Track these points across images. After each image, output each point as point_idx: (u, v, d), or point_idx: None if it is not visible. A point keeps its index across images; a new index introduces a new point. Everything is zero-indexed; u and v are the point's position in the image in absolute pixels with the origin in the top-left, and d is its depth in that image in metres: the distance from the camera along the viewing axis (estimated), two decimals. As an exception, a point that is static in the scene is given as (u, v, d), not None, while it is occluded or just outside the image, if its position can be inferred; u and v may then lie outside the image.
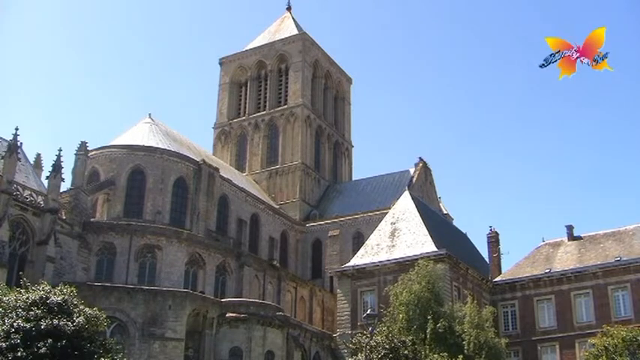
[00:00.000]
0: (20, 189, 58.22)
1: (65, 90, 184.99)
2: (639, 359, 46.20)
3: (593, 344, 49.83)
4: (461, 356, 48.30)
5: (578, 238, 73.32)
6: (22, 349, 34.21)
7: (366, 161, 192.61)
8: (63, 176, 61.84)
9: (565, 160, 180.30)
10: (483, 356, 50.67)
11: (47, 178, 61.78)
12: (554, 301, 68.25)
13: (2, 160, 57.18)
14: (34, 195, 59.41)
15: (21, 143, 60.37)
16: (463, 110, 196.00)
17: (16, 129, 58.96)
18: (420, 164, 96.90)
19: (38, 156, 68.37)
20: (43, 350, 34.14)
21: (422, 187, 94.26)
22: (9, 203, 55.41)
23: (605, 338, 48.27)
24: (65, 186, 64.72)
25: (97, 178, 75.67)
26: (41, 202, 59.20)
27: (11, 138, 58.57)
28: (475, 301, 58.63)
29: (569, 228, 74.36)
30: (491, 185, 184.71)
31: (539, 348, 67.41)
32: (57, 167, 61.15)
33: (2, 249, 53.34)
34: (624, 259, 66.68)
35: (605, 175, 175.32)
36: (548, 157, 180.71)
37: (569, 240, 73.47)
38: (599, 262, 67.95)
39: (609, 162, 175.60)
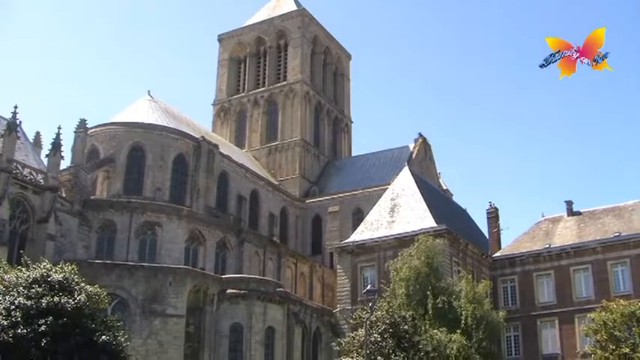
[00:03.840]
0: (20, 167, 58.26)
1: (64, 68, 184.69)
2: (637, 334, 46.30)
3: (593, 319, 49.94)
4: (459, 331, 48.49)
5: (578, 213, 73.36)
6: (22, 327, 34.34)
7: (366, 137, 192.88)
8: (62, 154, 61.96)
9: (565, 136, 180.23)
10: (482, 331, 50.84)
11: (47, 156, 61.85)
12: (554, 277, 68.40)
13: (2, 139, 57.19)
14: (34, 173, 59.46)
15: (20, 121, 60.49)
16: (462, 86, 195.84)
17: (15, 107, 59.09)
18: (420, 140, 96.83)
19: (37, 134, 68.47)
20: (43, 328, 34.25)
21: (421, 163, 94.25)
22: (9, 182, 55.49)
23: (604, 313, 48.38)
24: (65, 164, 65.03)
25: (96, 155, 75.64)
26: (41, 180, 59.27)
27: (10, 116, 58.62)
28: (471, 276, 58.77)
29: (569, 203, 74.37)
30: (491, 161, 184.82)
31: (538, 323, 67.64)
32: (56, 145, 61.17)
33: (3, 227, 53.48)
34: (623, 234, 66.76)
35: (605, 151, 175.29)
36: (548, 133, 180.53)
37: (568, 215, 73.52)
38: (598, 238, 68.03)
39: (609, 137, 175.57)
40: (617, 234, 67.04)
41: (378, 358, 39.40)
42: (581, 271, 67.50)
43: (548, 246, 69.93)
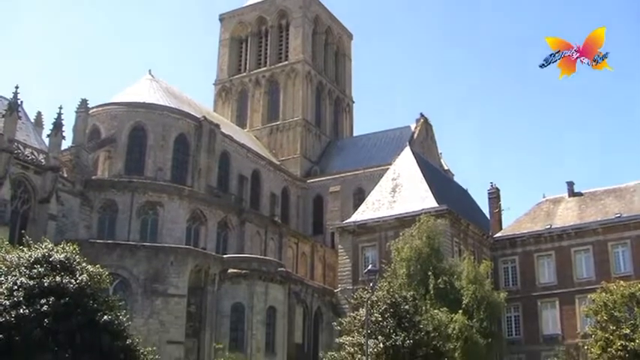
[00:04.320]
0: (21, 147, 58.24)
1: (65, 48, 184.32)
2: (638, 315, 46.39)
3: (593, 300, 49.97)
4: (460, 311, 48.62)
5: (579, 194, 73.51)
6: (25, 307, 34.43)
7: (367, 117, 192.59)
8: (64, 134, 61.90)
9: (567, 117, 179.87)
10: (482, 311, 50.98)
11: (48, 136, 61.76)
12: (555, 257, 68.63)
13: (3, 119, 57.12)
14: (35, 153, 59.44)
15: (21, 101, 60.38)
16: (464, 66, 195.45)
17: (16, 87, 58.95)
18: (421, 120, 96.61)
19: (39, 114, 68.31)
20: (45, 308, 34.32)
21: (423, 143, 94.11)
22: (10, 162, 55.46)
23: (604, 294, 48.42)
24: (66, 144, 64.93)
25: (97, 135, 75.62)
26: (42, 161, 59.25)
27: (11, 96, 58.49)
28: (472, 257, 58.86)
29: (570, 184, 74.52)
30: (493, 141, 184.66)
31: (539, 303, 67.93)
32: (58, 125, 61.11)
33: (4, 207, 53.51)
34: (624, 215, 66.92)
35: (607, 132, 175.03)
36: (551, 114, 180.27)
37: (569, 196, 73.67)
38: (599, 219, 68.20)
39: (611, 118, 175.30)
40: (618, 215, 67.18)
41: (379, 337, 39.46)
42: (582, 252, 67.69)
43: (549, 227, 70.10)
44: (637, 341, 44.44)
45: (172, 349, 54.67)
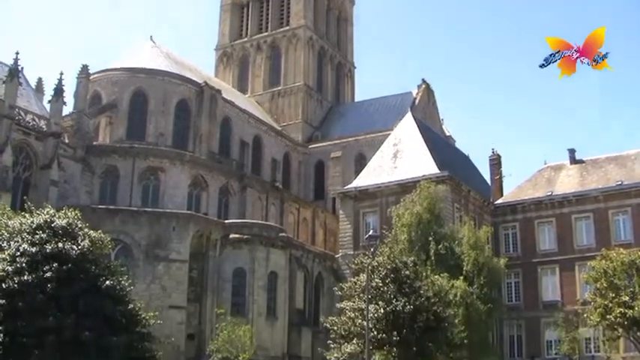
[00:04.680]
0: (22, 113, 58.24)
1: (65, 13, 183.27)
2: (637, 282, 46.57)
3: (593, 267, 50.14)
4: (461, 277, 48.80)
5: (580, 161, 73.39)
6: (27, 273, 34.66)
7: (369, 83, 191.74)
8: (65, 100, 61.92)
9: (569, 83, 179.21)
10: (483, 277, 51.15)
11: (49, 102, 61.82)
12: (555, 224, 68.69)
13: (3, 85, 57.05)
14: (37, 119, 59.44)
15: (22, 67, 60.29)
16: (466, 32, 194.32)
17: (17, 53, 58.90)
18: (423, 86, 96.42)
19: (39, 80, 68.28)
20: (48, 274, 34.58)
21: (424, 109, 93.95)
22: (11, 128, 55.55)
23: (604, 261, 48.56)
24: (67, 110, 64.95)
25: (98, 101, 75.53)
26: (44, 127, 59.29)
27: (12, 62, 58.40)
28: (473, 223, 58.93)
29: (572, 151, 74.36)
30: (494, 108, 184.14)
31: (539, 270, 68.11)
32: (58, 91, 61.09)
33: (6, 174, 53.67)
34: (625, 183, 66.85)
35: (609, 99, 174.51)
36: (553, 80, 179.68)
37: (571, 163, 73.56)
38: (600, 186, 68.14)
39: (614, 85, 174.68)
40: (619, 183, 67.13)
41: (380, 302, 39.66)
42: (583, 219, 67.74)
43: (550, 193, 70.10)
44: (636, 309, 44.72)
45: (174, 314, 55.03)
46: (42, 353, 33.90)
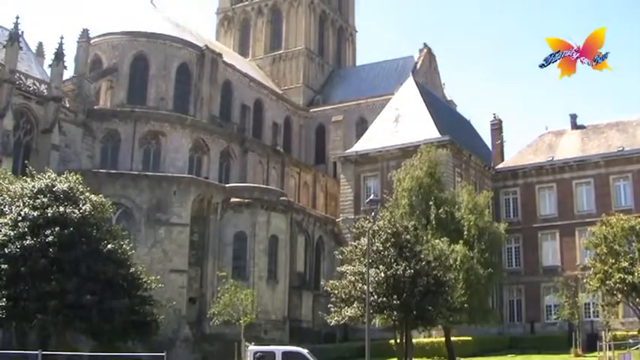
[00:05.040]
0: (23, 78, 58.06)
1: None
2: (637, 248, 46.64)
3: (593, 233, 50.16)
4: (461, 241, 48.89)
5: (582, 127, 73.36)
6: (29, 237, 34.80)
7: (370, 47, 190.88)
8: (65, 64, 61.74)
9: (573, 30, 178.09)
10: (483, 242, 51.21)
11: (49, 66, 61.61)
12: (556, 189, 68.82)
13: (4, 50, 56.83)
14: (37, 84, 59.27)
15: (22, 32, 60.06)
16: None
17: (17, 17, 58.59)
18: (425, 50, 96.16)
19: (40, 45, 68.17)
20: (50, 238, 34.72)
21: (426, 74, 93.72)
22: (12, 92, 55.39)
23: (604, 227, 48.56)
24: (68, 74, 64.80)
25: (99, 65, 75.30)
26: (44, 91, 59.13)
27: (12, 27, 58.09)
28: (473, 188, 58.91)
29: (573, 117, 74.28)
30: (496, 73, 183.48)
31: (539, 235, 68.35)
32: (59, 55, 60.86)
33: (7, 138, 53.62)
34: (627, 149, 66.85)
35: (611, 64, 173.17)
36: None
37: (572, 129, 73.53)
38: (601, 152, 68.17)
39: (617, 50, 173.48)
40: (621, 148, 67.11)
41: (380, 266, 39.73)
42: (583, 185, 67.86)
43: (551, 159, 70.10)
44: (635, 274, 44.82)
45: (175, 278, 55.30)
46: (44, 317, 34.16)
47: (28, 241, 34.56)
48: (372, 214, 39.25)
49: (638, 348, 42.84)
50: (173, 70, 76.63)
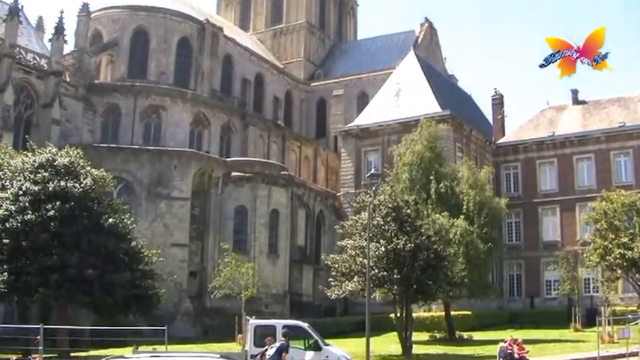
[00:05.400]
0: (23, 52, 57.94)
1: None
2: (637, 224, 46.68)
3: (593, 208, 50.17)
4: (462, 216, 48.96)
5: (583, 102, 73.23)
6: (31, 212, 34.87)
7: (372, 21, 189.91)
8: (66, 38, 61.61)
9: (574, 22, 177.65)
10: (483, 216, 51.28)
11: (50, 40, 61.54)
12: (557, 165, 68.85)
13: (4, 24, 56.66)
14: (37, 58, 59.17)
15: (22, 6, 59.91)
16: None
17: (17, -8, 58.31)
18: (426, 24, 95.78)
19: (40, 19, 68.02)
20: (51, 212, 34.78)
21: (427, 48, 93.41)
22: (12, 67, 55.30)
23: (605, 203, 48.57)
24: (68, 48, 64.72)
25: (99, 39, 75.18)
26: (45, 65, 59.03)
27: (12, 1, 57.88)
28: (474, 163, 58.91)
29: (574, 92, 74.10)
30: (497, 47, 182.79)
31: (539, 210, 68.47)
32: (59, 29, 60.73)
33: (7, 113, 53.61)
34: (628, 124, 66.79)
35: (613, 41, 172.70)
36: (557, 18, 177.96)
37: (573, 104, 73.42)
38: (602, 127, 68.12)
39: (619, 27, 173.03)
40: (622, 124, 67.05)
41: (381, 241, 39.74)
42: (584, 160, 67.88)
43: (552, 134, 70.06)
44: (635, 250, 44.88)
45: (176, 252, 55.55)
46: (46, 291, 34.30)
47: (29, 216, 34.63)
48: (373, 188, 39.17)
49: (637, 323, 43.03)
50: (174, 44, 76.48)
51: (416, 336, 43.59)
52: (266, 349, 24.15)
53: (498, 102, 76.34)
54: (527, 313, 62.47)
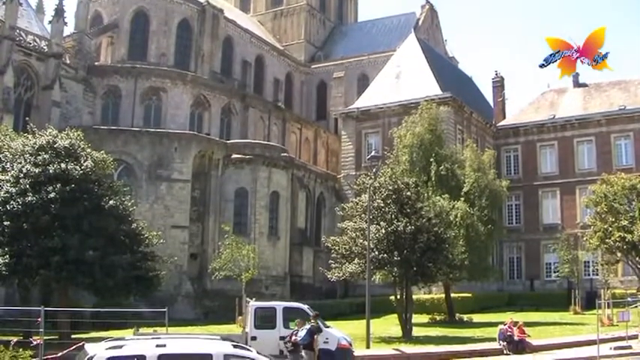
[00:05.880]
0: (23, 34, 57.86)
1: None
2: (637, 207, 46.73)
3: (593, 191, 50.22)
4: (462, 198, 48.99)
5: (584, 85, 73.10)
6: (31, 194, 34.83)
7: (372, 3, 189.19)
8: (66, 20, 61.53)
9: (575, 6, 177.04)
10: (484, 199, 51.29)
11: (50, 22, 61.48)
12: (557, 147, 68.88)
13: (4, 6, 56.53)
14: (38, 40, 59.07)
15: (22, -12, 59.65)
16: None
17: (17, -26, 58.11)
18: (427, 6, 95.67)
19: (40, 1, 67.97)
20: (52, 195, 34.73)
21: (428, 30, 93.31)
22: (12, 49, 55.22)
23: (605, 186, 48.63)
24: (68, 30, 64.57)
25: (100, 21, 75.11)
26: (45, 47, 58.95)
27: (12, -17, 57.73)
28: (476, 145, 58.87)
29: (575, 75, 73.33)
30: (499, 29, 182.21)
31: (540, 193, 68.55)
32: (59, 11, 60.65)
33: (7, 95, 53.56)
34: (629, 107, 66.79)
35: (613, 23, 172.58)
36: (557, 2, 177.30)
37: (574, 87, 73.29)
38: (603, 110, 68.11)
39: (620, 9, 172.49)
40: (622, 107, 67.03)
41: (381, 223, 39.75)
42: (585, 143, 67.91)
43: (552, 117, 70.04)
44: (635, 233, 45.00)
45: (177, 234, 55.69)
46: (47, 273, 34.32)
47: (29, 198, 34.54)
48: (373, 170, 39.21)
49: (636, 306, 43.08)
50: (174, 26, 76.36)
51: (416, 318, 43.70)
52: (296, 331, 24.26)
53: (499, 84, 76.28)
54: (527, 296, 62.66)
